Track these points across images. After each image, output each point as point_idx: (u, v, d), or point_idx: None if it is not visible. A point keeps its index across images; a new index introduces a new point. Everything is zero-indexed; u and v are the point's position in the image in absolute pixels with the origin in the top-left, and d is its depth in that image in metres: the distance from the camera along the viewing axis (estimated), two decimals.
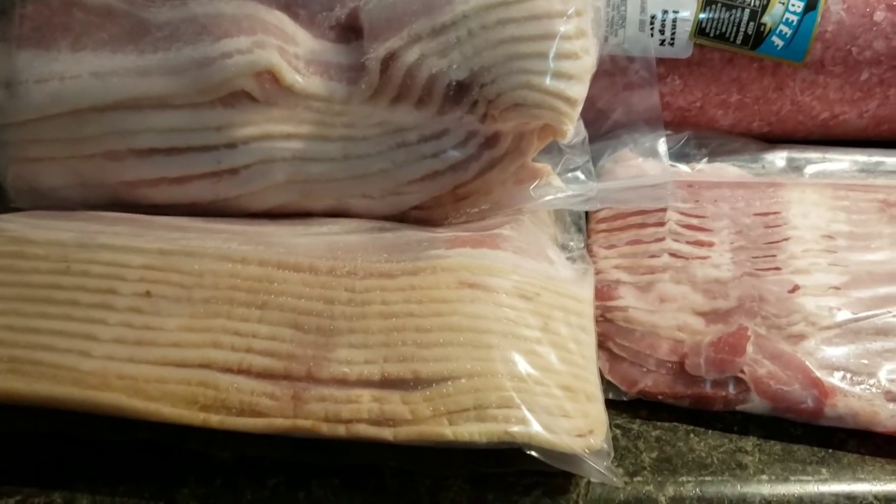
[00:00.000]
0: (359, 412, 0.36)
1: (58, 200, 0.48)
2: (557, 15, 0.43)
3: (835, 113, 0.53)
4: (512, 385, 0.36)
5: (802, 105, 0.52)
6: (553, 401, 0.36)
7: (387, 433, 0.36)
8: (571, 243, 0.47)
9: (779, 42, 0.49)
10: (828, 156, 0.53)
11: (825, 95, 0.52)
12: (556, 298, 0.41)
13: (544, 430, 0.35)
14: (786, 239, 0.45)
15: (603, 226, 0.47)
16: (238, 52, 0.43)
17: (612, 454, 0.37)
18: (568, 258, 0.46)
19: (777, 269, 0.43)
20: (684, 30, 0.49)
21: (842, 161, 0.52)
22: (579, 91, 0.43)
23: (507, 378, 0.36)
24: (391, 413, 0.36)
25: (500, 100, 0.43)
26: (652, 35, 0.49)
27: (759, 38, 0.49)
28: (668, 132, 0.52)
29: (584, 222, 0.48)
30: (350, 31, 0.46)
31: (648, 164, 0.50)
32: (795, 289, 0.43)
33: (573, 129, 0.44)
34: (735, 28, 0.49)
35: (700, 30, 0.49)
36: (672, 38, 0.49)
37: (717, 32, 0.49)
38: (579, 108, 0.44)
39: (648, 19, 0.49)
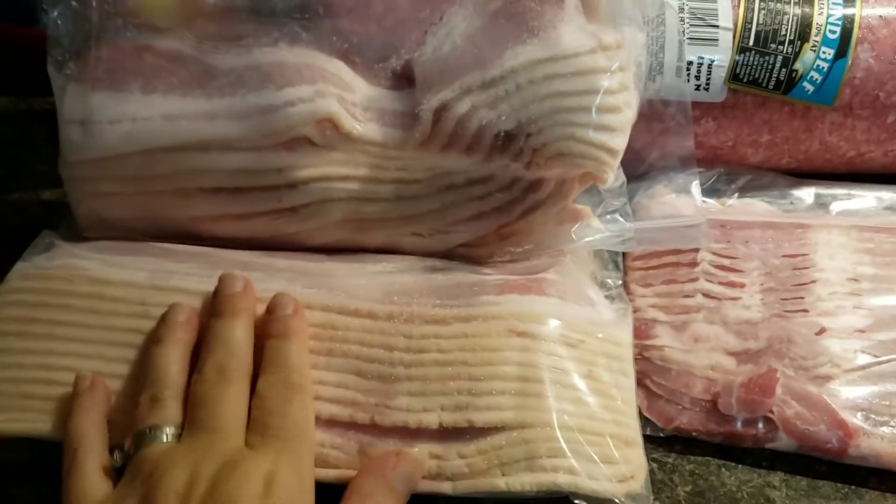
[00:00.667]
0: None
1: (126, 231, 0.50)
2: (602, 71, 0.45)
3: (861, 152, 0.55)
4: (560, 435, 0.39)
5: (830, 145, 0.55)
6: (597, 448, 0.40)
7: (445, 487, 0.39)
8: (609, 281, 0.49)
9: (809, 87, 0.52)
10: (853, 192, 0.55)
11: (853, 136, 0.54)
12: (598, 344, 0.44)
13: (588, 479, 0.39)
14: (813, 281, 0.48)
15: (639, 263, 0.50)
16: (300, 101, 0.46)
17: (651, 497, 0.40)
18: (606, 296, 0.48)
19: (805, 311, 0.46)
20: (719, 75, 0.52)
21: (866, 197, 0.54)
22: (620, 142, 0.46)
23: (556, 428, 0.39)
24: (449, 468, 0.39)
25: (546, 150, 0.45)
26: (688, 80, 0.52)
27: (790, 83, 0.52)
28: (701, 169, 0.55)
29: (621, 259, 0.51)
30: (404, 80, 0.48)
31: (681, 200, 0.53)
32: (822, 331, 0.45)
33: (613, 176, 0.47)
34: (768, 74, 0.52)
35: (734, 76, 0.52)
36: (707, 84, 0.52)
37: (751, 78, 0.52)
38: (619, 158, 0.47)
39: (685, 66, 0.51)
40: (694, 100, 0.52)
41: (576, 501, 0.38)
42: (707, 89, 0.52)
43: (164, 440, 0.36)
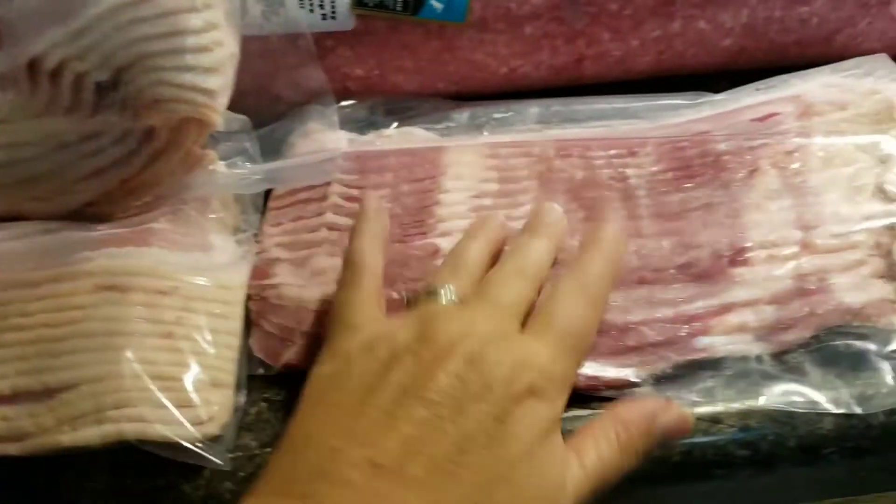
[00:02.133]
0: None
1: None
2: (185, 10, 0.44)
3: (512, 67, 0.55)
4: (129, 384, 0.39)
5: (478, 63, 0.54)
6: (173, 394, 0.39)
7: (11, 448, 0.38)
8: (242, 224, 0.48)
9: (438, 5, 0.51)
10: (512, 108, 0.55)
11: (496, 52, 0.53)
12: (196, 289, 0.43)
13: (159, 425, 0.38)
14: (436, 203, 0.47)
15: (276, 203, 0.49)
16: None
17: (233, 437, 0.40)
18: (237, 241, 0.48)
19: (423, 233, 0.46)
20: (343, 2, 0.50)
21: (522, 114, 0.54)
22: (216, 82, 0.45)
23: (125, 378, 0.39)
24: (16, 429, 0.38)
25: (141, 97, 0.44)
26: (312, 11, 0.50)
27: (418, 3, 0.51)
28: (353, 101, 0.54)
29: (262, 202, 0.50)
30: None
31: (328, 136, 0.52)
32: (436, 252, 0.45)
33: (221, 118, 0.46)
34: None
35: (359, 1, 0.50)
36: (333, 12, 0.51)
37: (376, 2, 0.51)
38: (222, 98, 0.45)
39: None
40: (323, 30, 0.51)
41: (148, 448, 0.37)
42: (334, 17, 0.51)
43: (450, 300, 0.37)
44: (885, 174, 0.44)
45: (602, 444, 0.36)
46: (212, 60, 0.45)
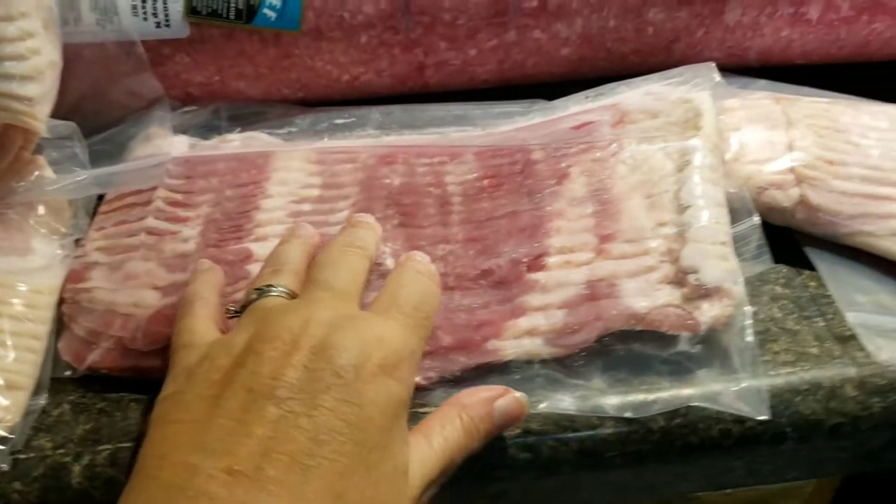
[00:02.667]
0: None
1: None
2: None
3: (354, 74, 0.55)
4: None
5: (318, 70, 0.55)
6: None
7: None
8: (73, 231, 0.49)
9: (271, 14, 0.52)
10: (354, 114, 0.55)
11: (335, 60, 0.54)
12: (2, 293, 0.44)
13: None
14: (256, 208, 0.48)
15: (105, 208, 0.50)
16: None
17: (23, 438, 0.40)
18: (60, 245, 0.48)
19: (239, 238, 0.47)
20: (176, 10, 0.51)
21: (363, 120, 0.55)
22: (35, 89, 0.46)
23: None
24: None
25: None
26: (146, 19, 0.51)
27: (251, 12, 0.52)
28: (195, 107, 0.55)
29: (94, 207, 0.51)
30: None
31: (167, 141, 0.53)
32: (248, 257, 0.46)
33: (44, 124, 0.47)
34: (226, 4, 0.51)
35: (192, 9, 0.51)
36: (167, 20, 0.51)
37: (210, 10, 0.51)
38: (43, 105, 0.46)
39: (140, 4, 0.51)
40: (158, 37, 0.52)
41: None
42: (168, 26, 0.52)
43: (281, 296, 0.38)
44: (682, 182, 0.45)
45: (447, 427, 0.37)
46: (28, 68, 0.46)
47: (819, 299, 0.46)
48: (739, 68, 0.58)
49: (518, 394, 0.40)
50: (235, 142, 0.54)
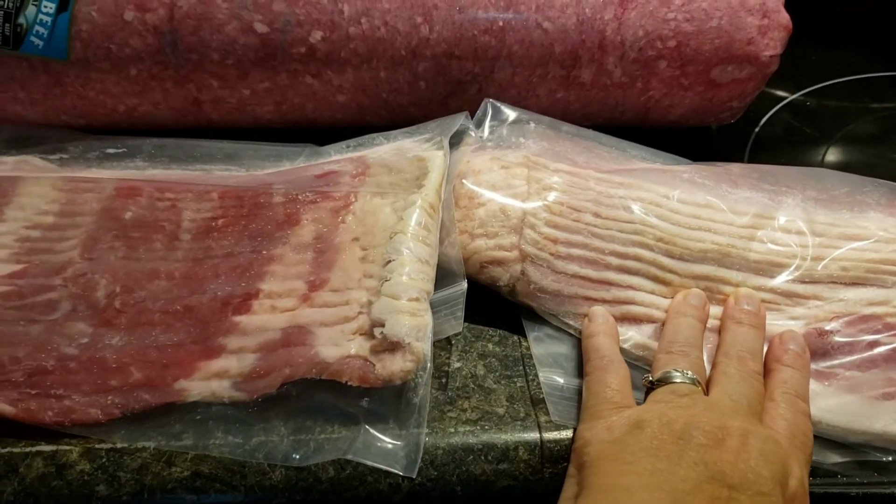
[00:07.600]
0: None
1: None
2: None
3: (129, 105, 0.56)
4: None
5: (91, 99, 0.55)
6: None
7: None
8: None
9: (38, 42, 0.52)
10: (127, 143, 0.56)
11: (107, 90, 0.55)
12: None
13: None
14: None
15: None
16: None
17: None
18: None
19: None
20: None
21: (133, 150, 0.55)
22: None
23: None
24: None
25: None
26: None
27: (18, 38, 0.52)
28: None
29: None
30: None
31: None
32: None
33: None
34: None
35: None
36: None
37: None
38: None
39: None
40: None
41: None
42: None
43: (689, 382, 0.41)
44: (392, 237, 0.46)
45: None
46: None
47: (528, 360, 0.47)
48: None
49: None
50: (7, 164, 0.55)
